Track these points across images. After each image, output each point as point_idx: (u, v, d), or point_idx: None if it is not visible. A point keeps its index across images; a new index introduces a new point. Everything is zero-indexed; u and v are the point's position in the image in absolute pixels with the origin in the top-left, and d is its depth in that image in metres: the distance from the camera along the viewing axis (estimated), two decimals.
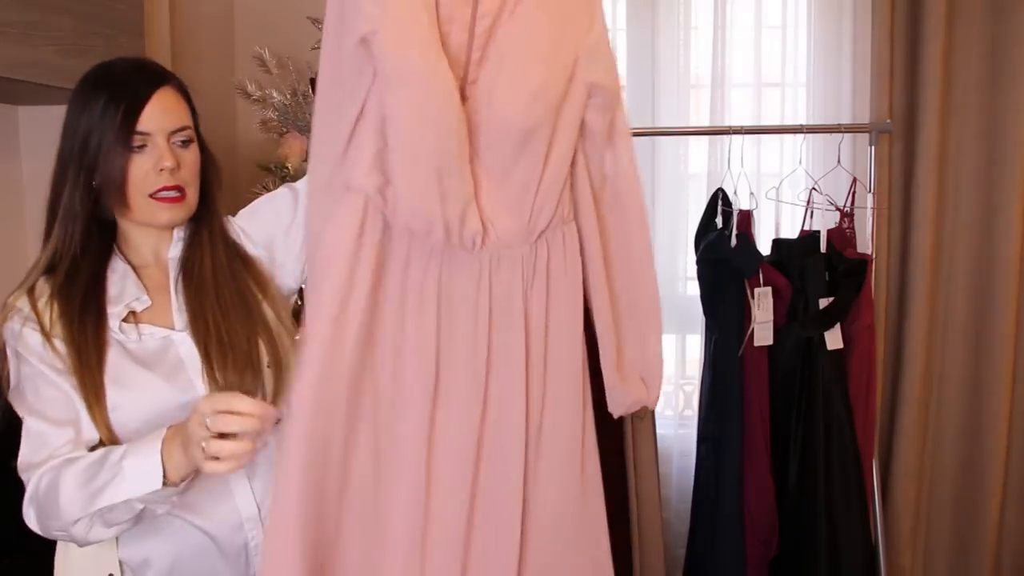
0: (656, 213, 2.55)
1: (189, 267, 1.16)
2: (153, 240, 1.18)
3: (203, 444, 0.93)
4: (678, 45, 2.51)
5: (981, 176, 2.36)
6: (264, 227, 1.26)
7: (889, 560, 2.30)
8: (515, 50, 0.94)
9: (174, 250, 1.18)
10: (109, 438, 1.07)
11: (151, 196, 1.12)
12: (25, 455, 1.05)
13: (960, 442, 2.44)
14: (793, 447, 2.14)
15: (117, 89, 1.10)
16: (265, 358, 1.15)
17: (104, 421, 1.06)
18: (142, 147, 1.10)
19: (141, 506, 1.00)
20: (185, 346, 1.13)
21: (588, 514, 1.10)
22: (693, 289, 2.37)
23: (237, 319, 1.14)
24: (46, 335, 1.06)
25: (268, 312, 1.19)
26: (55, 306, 1.08)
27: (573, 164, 1.02)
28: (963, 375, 2.42)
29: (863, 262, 2.13)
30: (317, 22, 2.26)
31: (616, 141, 1.04)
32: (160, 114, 1.11)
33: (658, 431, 2.30)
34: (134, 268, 1.15)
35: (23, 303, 1.09)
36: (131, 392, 1.08)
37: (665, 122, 2.51)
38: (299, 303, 1.52)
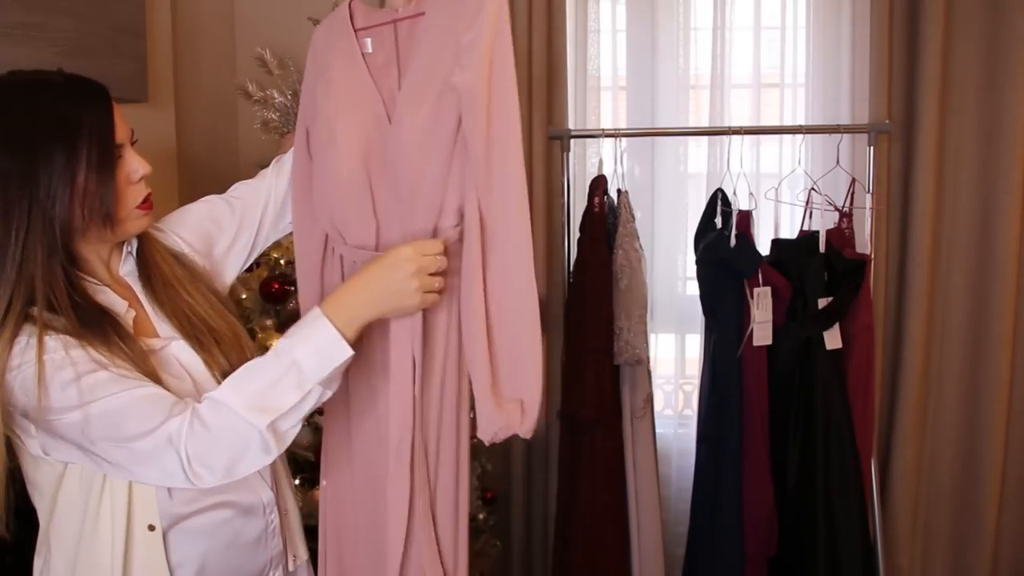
0: (656, 213, 2.55)
1: (150, 276, 1.16)
2: (105, 257, 1.15)
3: (422, 285, 1.06)
4: (678, 45, 2.51)
5: (979, 177, 2.37)
6: (204, 235, 1.29)
7: (888, 560, 2.31)
8: (403, 93, 1.12)
9: (126, 266, 1.17)
10: None
11: (137, 207, 1.11)
12: (140, 420, 0.98)
13: (958, 442, 2.45)
14: (792, 447, 2.14)
15: (72, 124, 1.02)
16: (241, 336, 1.21)
17: None
18: (117, 159, 1.08)
19: (320, 391, 1.03)
20: (181, 350, 1.15)
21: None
22: (692, 289, 2.38)
23: (210, 306, 1.19)
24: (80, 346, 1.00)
25: (215, 297, 1.24)
26: (80, 341, 1.01)
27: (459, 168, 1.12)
28: (961, 375, 2.43)
29: (862, 262, 2.13)
30: (317, 22, 2.26)
31: (496, 156, 1.08)
32: (120, 123, 1.08)
33: (657, 431, 2.31)
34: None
35: (30, 331, 1.00)
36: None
37: (665, 122, 2.51)
38: None
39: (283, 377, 1.00)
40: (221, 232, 1.31)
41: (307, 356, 1.01)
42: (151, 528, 1.08)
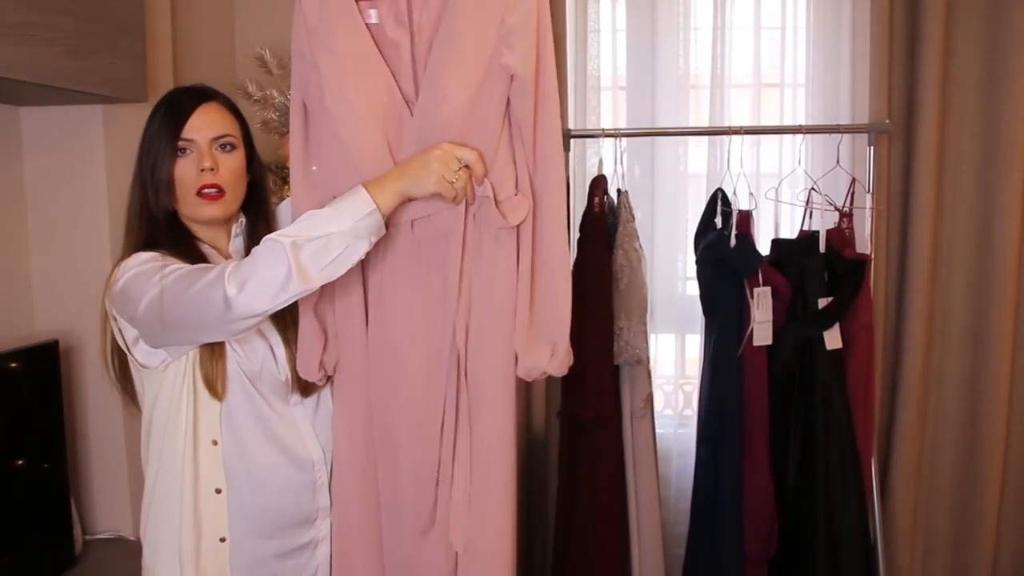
0: (656, 213, 2.55)
1: None
2: (211, 235, 1.37)
3: (442, 168, 1.15)
4: (678, 46, 2.51)
5: (979, 176, 2.37)
6: None
7: (888, 560, 2.31)
8: (439, 65, 1.15)
9: (234, 244, 1.38)
10: (216, 386, 1.30)
11: (196, 194, 1.31)
12: (206, 271, 1.19)
13: (958, 442, 2.45)
14: (792, 447, 2.14)
15: (169, 107, 1.32)
16: None
17: (218, 370, 1.29)
18: (186, 151, 1.31)
19: (346, 242, 1.15)
20: (268, 328, 1.34)
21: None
22: (692, 289, 2.38)
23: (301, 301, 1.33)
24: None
25: None
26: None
27: (507, 145, 1.22)
28: (961, 375, 2.43)
29: (862, 262, 2.13)
30: None
31: (541, 131, 1.21)
32: (202, 124, 1.31)
33: (657, 431, 2.31)
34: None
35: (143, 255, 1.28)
36: (240, 346, 1.31)
37: (665, 122, 2.51)
38: None
39: (318, 220, 1.16)
40: None
41: (339, 208, 1.16)
42: (215, 443, 1.31)
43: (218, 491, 1.32)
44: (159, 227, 1.32)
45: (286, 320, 1.35)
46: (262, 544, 1.34)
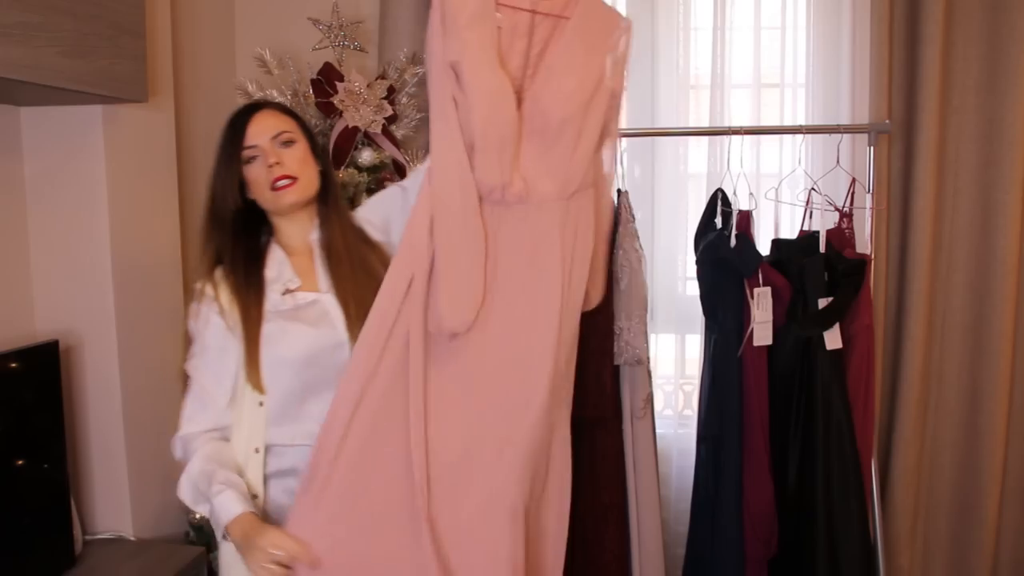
0: (656, 213, 2.55)
1: (327, 244, 1.51)
2: (297, 228, 1.52)
3: (265, 563, 1.29)
4: (678, 46, 2.51)
5: (979, 176, 2.37)
6: (381, 213, 1.61)
7: (888, 560, 2.31)
8: (558, 66, 1.35)
9: (314, 233, 1.53)
10: (258, 385, 1.44)
11: (271, 188, 1.45)
12: (190, 409, 1.46)
13: (959, 442, 2.45)
14: (792, 447, 2.14)
15: (230, 124, 1.48)
16: None
17: (257, 373, 1.43)
18: (254, 158, 1.46)
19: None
20: (331, 304, 1.48)
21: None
22: (693, 289, 2.38)
23: (366, 284, 1.47)
24: (223, 315, 1.44)
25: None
26: (227, 289, 1.45)
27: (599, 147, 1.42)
28: (962, 375, 2.43)
29: (862, 262, 2.13)
30: (317, 22, 2.27)
31: (612, 133, 1.48)
32: (259, 128, 1.46)
33: (658, 431, 2.30)
34: (288, 255, 1.51)
35: (208, 289, 1.46)
36: (286, 339, 1.44)
37: (665, 122, 2.51)
38: None
39: (201, 498, 1.40)
40: (392, 215, 1.60)
41: (215, 508, 1.36)
42: (256, 451, 1.46)
43: (261, 404, 1.45)
44: (227, 238, 1.48)
45: (348, 300, 1.48)
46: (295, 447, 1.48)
